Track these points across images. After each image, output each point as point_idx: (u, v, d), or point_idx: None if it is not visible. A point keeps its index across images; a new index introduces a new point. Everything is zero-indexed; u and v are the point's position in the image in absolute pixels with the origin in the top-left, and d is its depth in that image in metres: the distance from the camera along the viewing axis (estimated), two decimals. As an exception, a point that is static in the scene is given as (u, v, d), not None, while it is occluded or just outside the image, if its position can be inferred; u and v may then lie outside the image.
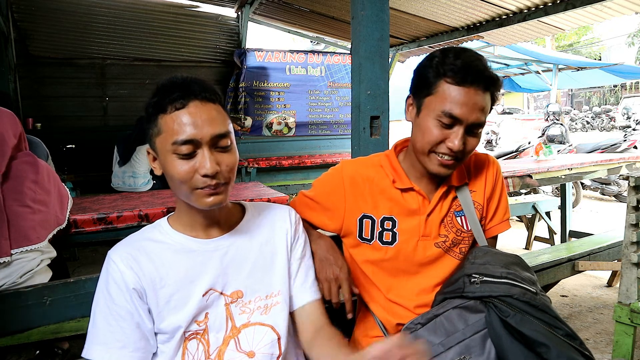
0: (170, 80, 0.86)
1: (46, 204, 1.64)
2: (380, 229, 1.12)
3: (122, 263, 0.85)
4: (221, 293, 0.89)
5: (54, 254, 1.67)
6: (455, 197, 1.14)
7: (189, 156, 0.81)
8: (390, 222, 1.11)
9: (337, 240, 1.23)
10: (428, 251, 1.12)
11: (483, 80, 0.98)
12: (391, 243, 1.12)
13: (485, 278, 1.00)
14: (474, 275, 1.02)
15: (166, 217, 0.95)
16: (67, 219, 1.76)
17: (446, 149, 1.01)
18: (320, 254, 1.10)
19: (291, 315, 1.00)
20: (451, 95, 0.98)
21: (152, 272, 0.85)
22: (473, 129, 1.01)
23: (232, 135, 0.87)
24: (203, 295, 0.87)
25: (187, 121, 0.81)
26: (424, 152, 1.04)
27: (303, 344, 1.00)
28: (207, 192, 0.83)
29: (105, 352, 0.82)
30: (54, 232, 1.66)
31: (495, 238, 1.23)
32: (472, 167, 1.18)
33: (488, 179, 1.17)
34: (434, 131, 1.01)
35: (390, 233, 1.11)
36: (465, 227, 1.14)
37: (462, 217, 1.14)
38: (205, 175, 0.81)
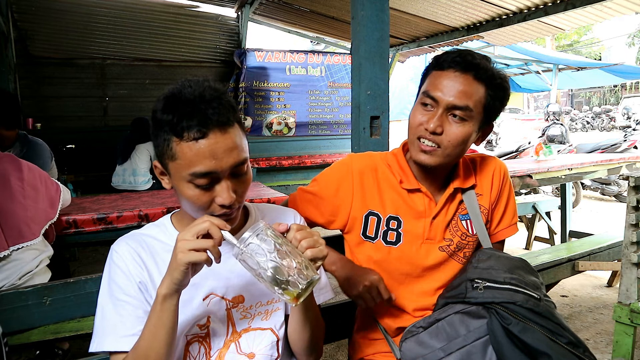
0: (184, 95, 0.77)
1: (34, 199, 1.66)
2: (385, 228, 1.10)
3: (127, 255, 0.85)
4: (222, 297, 0.89)
5: (50, 251, 1.67)
6: (461, 201, 1.12)
7: (206, 187, 0.79)
8: (396, 222, 1.10)
9: (339, 240, 1.22)
10: (432, 254, 1.10)
11: (462, 63, 0.99)
12: (395, 243, 1.10)
13: (488, 284, 0.98)
14: (476, 281, 1.00)
15: (169, 215, 0.94)
16: (57, 212, 1.75)
17: (424, 130, 1.02)
18: (343, 274, 1.08)
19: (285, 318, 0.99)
20: (432, 79, 1.04)
21: (154, 269, 0.85)
22: (455, 115, 1.00)
23: (248, 156, 0.84)
24: (204, 299, 0.87)
25: (207, 153, 0.76)
26: (412, 139, 1.06)
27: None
28: (222, 218, 0.81)
29: (117, 342, 0.81)
30: (46, 226, 1.67)
31: (502, 242, 1.21)
32: (478, 170, 1.16)
33: (494, 183, 1.15)
34: (417, 114, 1.04)
35: (395, 233, 1.10)
36: (470, 231, 1.12)
37: (467, 220, 1.12)
38: (222, 206, 0.80)
